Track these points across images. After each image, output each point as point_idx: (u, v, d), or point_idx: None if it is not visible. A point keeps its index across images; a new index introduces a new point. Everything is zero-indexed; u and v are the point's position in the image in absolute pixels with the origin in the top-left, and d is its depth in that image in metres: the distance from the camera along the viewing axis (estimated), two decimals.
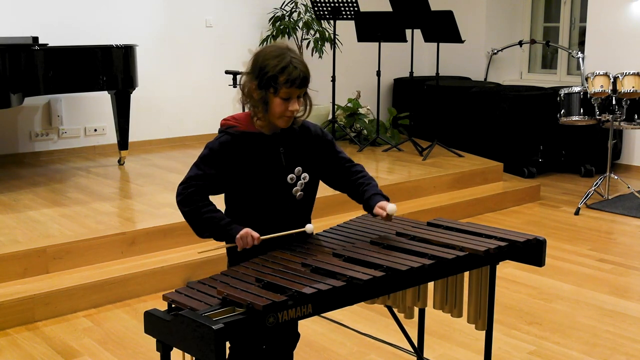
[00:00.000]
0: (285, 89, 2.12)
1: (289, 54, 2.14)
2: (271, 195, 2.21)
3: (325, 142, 2.34)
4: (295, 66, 2.12)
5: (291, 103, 2.15)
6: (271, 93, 2.13)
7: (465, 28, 6.57)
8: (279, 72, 2.10)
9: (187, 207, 2.16)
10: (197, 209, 2.15)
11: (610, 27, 6.85)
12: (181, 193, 2.17)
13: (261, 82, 2.13)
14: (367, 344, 3.21)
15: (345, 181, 2.37)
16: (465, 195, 5.51)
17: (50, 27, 5.75)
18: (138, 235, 3.98)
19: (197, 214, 2.15)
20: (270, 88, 2.12)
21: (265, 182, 2.20)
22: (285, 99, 2.14)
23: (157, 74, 6.46)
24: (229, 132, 2.20)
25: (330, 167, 2.36)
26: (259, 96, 2.15)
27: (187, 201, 2.16)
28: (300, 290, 1.82)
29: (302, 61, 2.16)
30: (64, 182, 5.15)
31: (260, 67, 2.14)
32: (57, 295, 3.52)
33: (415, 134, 6.82)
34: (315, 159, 2.30)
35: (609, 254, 4.57)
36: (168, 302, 1.85)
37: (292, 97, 2.14)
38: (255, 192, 2.20)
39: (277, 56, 2.13)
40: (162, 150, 6.41)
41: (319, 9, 6.57)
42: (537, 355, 3.15)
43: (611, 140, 5.62)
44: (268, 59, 2.13)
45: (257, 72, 2.14)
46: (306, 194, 2.29)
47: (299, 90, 2.15)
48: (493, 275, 2.40)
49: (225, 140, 2.19)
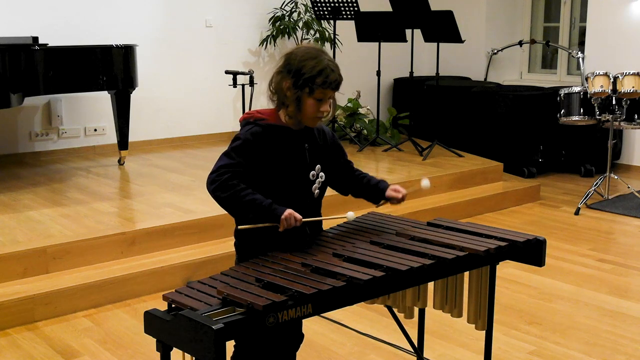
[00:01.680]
0: (321, 90, 2.16)
1: (325, 56, 2.20)
2: (293, 189, 2.25)
3: (337, 145, 2.42)
4: (332, 69, 2.18)
5: (323, 104, 2.20)
6: (306, 93, 2.17)
7: (465, 28, 6.57)
8: (316, 74, 2.15)
9: (225, 192, 2.14)
10: (237, 192, 2.14)
11: (610, 27, 6.85)
12: (215, 180, 2.16)
13: (297, 81, 2.16)
14: (367, 344, 3.21)
15: (349, 181, 2.46)
16: (465, 195, 5.51)
17: (50, 27, 5.75)
18: (138, 235, 3.98)
19: (237, 198, 2.14)
20: (305, 88, 2.16)
21: (289, 175, 2.24)
22: (318, 100, 2.18)
23: (157, 74, 6.46)
24: (259, 124, 2.23)
25: (340, 170, 2.43)
26: (293, 95, 2.18)
27: (225, 187, 2.14)
28: (300, 290, 1.83)
29: (336, 64, 2.22)
30: (64, 182, 5.15)
31: (296, 68, 2.17)
32: (57, 295, 3.52)
33: (415, 134, 6.82)
34: (330, 161, 2.36)
35: (609, 254, 4.57)
36: (168, 302, 1.85)
37: (325, 98, 2.20)
38: (279, 184, 2.22)
39: (314, 57, 2.18)
40: (162, 150, 6.41)
41: (319, 9, 6.57)
42: (537, 355, 3.15)
43: (611, 140, 5.62)
44: (305, 60, 2.17)
45: (294, 72, 2.17)
46: (320, 192, 2.35)
47: (332, 92, 2.20)
48: (493, 275, 2.40)
49: (257, 131, 2.21)
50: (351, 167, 2.49)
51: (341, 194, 2.51)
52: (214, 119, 6.93)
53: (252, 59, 7.11)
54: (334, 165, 2.40)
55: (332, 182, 2.43)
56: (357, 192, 2.48)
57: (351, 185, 2.47)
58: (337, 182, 2.45)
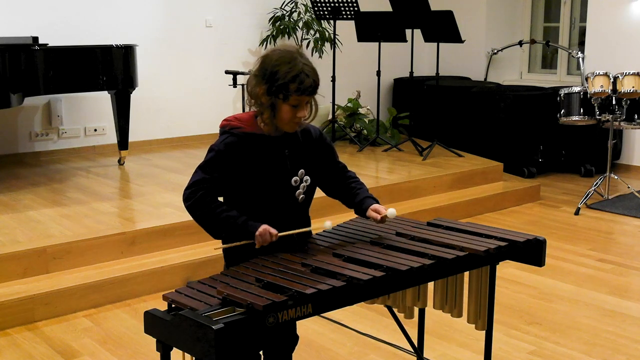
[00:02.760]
0: (295, 96, 2.09)
1: (300, 60, 2.11)
2: (275, 197, 2.19)
3: (325, 145, 2.32)
4: (307, 74, 2.09)
5: (300, 110, 2.12)
6: (280, 99, 2.09)
7: (465, 28, 6.57)
8: (290, 80, 2.07)
9: (199, 210, 2.13)
10: (211, 210, 2.11)
11: (610, 27, 6.85)
12: (190, 197, 2.13)
13: (271, 88, 2.09)
14: (367, 344, 3.21)
15: (338, 185, 2.37)
16: (465, 195, 5.51)
17: (50, 27, 5.75)
18: (138, 235, 3.98)
19: (211, 216, 2.12)
20: (280, 94, 2.09)
21: (270, 184, 2.17)
22: (294, 106, 2.11)
23: (157, 74, 6.46)
24: (234, 133, 2.16)
25: (328, 171, 2.34)
26: (267, 101, 2.11)
27: (199, 204, 2.12)
28: (300, 290, 1.82)
29: (312, 67, 2.13)
30: (64, 182, 5.15)
31: (270, 73, 2.09)
32: (57, 295, 3.52)
33: (415, 134, 6.82)
34: (315, 162, 2.28)
35: (609, 254, 4.57)
36: (168, 302, 1.85)
37: (302, 103, 2.12)
38: (259, 194, 2.17)
39: (288, 62, 2.09)
40: (162, 150, 6.41)
41: (319, 9, 6.57)
42: (537, 355, 3.15)
43: (611, 140, 5.62)
44: (279, 65, 2.09)
45: (267, 77, 2.10)
46: (307, 196, 2.28)
47: (308, 97, 2.13)
48: (493, 275, 2.40)
49: (231, 141, 2.15)
50: (342, 171, 2.38)
51: (328, 196, 2.42)
52: (214, 119, 6.84)
53: (252, 59, 7.10)
54: (321, 167, 2.31)
55: (320, 184, 2.35)
56: (343, 202, 2.39)
57: (338, 192, 2.38)
58: (324, 184, 2.37)
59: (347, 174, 2.39)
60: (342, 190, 2.37)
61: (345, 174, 2.39)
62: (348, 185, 2.36)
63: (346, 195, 2.36)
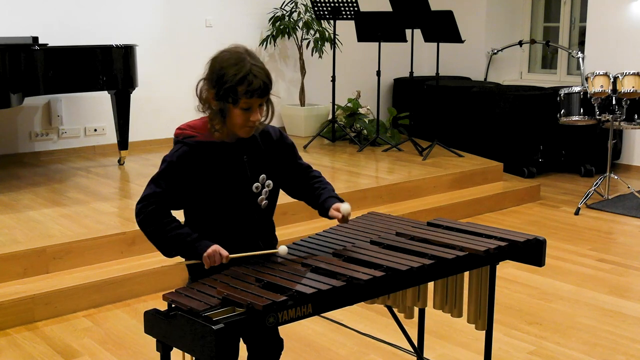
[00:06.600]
0: (245, 99, 1.98)
1: (249, 60, 2.01)
2: (236, 206, 2.09)
3: (286, 146, 2.22)
4: (255, 75, 1.98)
5: (252, 113, 2.01)
6: (230, 104, 1.99)
7: (465, 28, 6.57)
8: (237, 82, 1.97)
9: (149, 226, 2.03)
10: (161, 227, 2.02)
11: (610, 27, 6.85)
12: (141, 212, 2.03)
13: (219, 92, 1.99)
14: (367, 344, 3.21)
15: (301, 186, 2.26)
16: (465, 195, 5.51)
17: (50, 27, 5.75)
18: (138, 235, 3.98)
19: (161, 233, 2.03)
20: (229, 98, 1.98)
21: (230, 193, 2.07)
22: (245, 109, 2.00)
23: (157, 74, 6.46)
24: (187, 142, 2.04)
25: (290, 172, 2.24)
26: (217, 107, 2.01)
27: (149, 220, 2.03)
28: (300, 290, 1.82)
29: (262, 68, 2.03)
30: (64, 182, 5.15)
31: (217, 76, 2.00)
32: (57, 295, 3.52)
33: (415, 134, 6.82)
34: (277, 165, 2.18)
35: (609, 254, 4.57)
36: (168, 302, 1.84)
37: (253, 107, 2.01)
38: (219, 204, 2.07)
39: (235, 64, 2.00)
40: (162, 150, 6.36)
41: (319, 9, 6.57)
42: (537, 355, 3.15)
43: (611, 140, 5.62)
44: (226, 67, 2.00)
45: (215, 81, 2.00)
46: (270, 201, 2.18)
47: (260, 99, 2.01)
48: (493, 275, 2.40)
49: (184, 152, 2.03)
50: (305, 171, 2.27)
51: (292, 197, 2.30)
52: None
53: None
54: (282, 168, 2.20)
55: (282, 186, 2.24)
56: (307, 203, 2.28)
57: (301, 193, 2.27)
58: (287, 186, 2.26)
59: (311, 174, 2.28)
60: (305, 191, 2.26)
61: (309, 173, 2.28)
62: (312, 185, 2.25)
63: (309, 196, 2.25)
